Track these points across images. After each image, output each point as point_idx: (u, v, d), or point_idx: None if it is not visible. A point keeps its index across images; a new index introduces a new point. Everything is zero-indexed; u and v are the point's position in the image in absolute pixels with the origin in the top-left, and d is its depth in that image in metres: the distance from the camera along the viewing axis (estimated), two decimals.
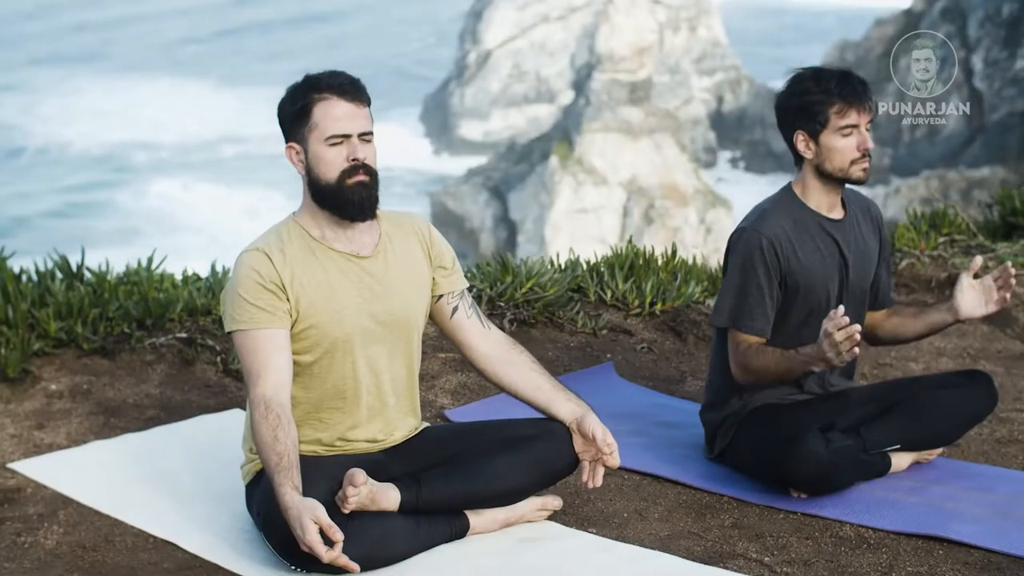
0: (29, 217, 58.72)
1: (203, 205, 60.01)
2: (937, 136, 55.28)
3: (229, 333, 4.49)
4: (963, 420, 5.30)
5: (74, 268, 6.42)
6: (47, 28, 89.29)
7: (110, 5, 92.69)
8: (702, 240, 55.18)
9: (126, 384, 5.88)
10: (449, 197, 61.11)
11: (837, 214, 5.17)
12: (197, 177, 63.94)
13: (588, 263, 7.28)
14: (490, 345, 4.76)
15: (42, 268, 6.42)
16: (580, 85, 62.69)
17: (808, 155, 5.10)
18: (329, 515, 4.19)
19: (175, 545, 4.57)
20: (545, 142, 61.11)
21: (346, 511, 4.29)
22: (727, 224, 53.88)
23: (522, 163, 60.58)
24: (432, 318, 4.77)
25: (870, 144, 5.04)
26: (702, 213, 57.18)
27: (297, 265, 4.47)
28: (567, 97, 65.20)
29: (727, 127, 64.53)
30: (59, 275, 6.38)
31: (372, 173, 4.52)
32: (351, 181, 4.47)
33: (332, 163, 4.47)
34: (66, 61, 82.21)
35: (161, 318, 6.18)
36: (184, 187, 63.57)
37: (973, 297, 5.16)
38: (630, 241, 7.38)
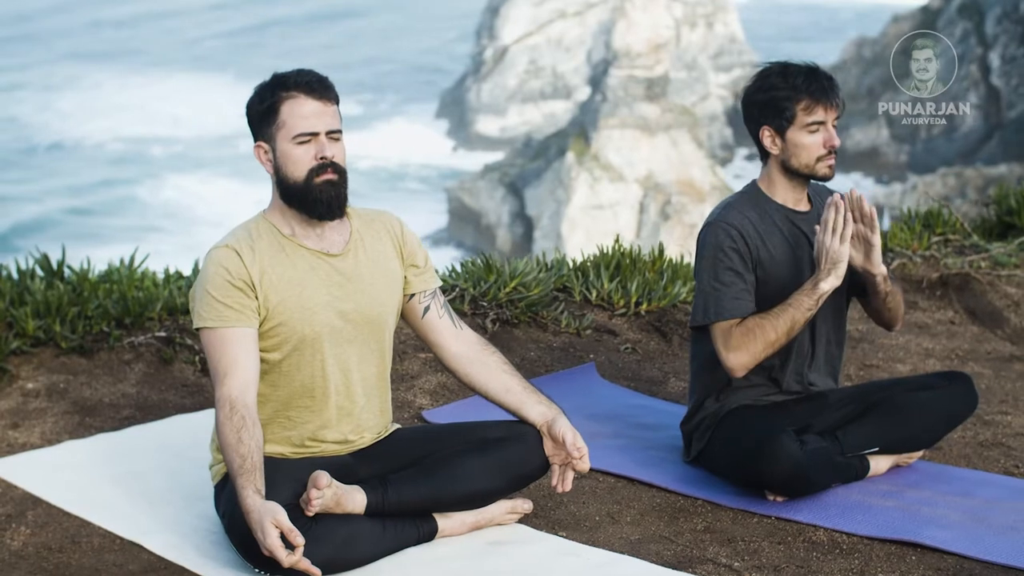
0: (48, 213, 58.81)
1: (220, 199, 60.02)
2: (955, 133, 55.13)
3: (197, 330, 4.45)
4: (942, 422, 5.24)
5: (55, 266, 6.38)
6: (66, 25, 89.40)
7: (128, 2, 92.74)
8: None
9: (103, 383, 5.85)
10: (465, 193, 61.10)
11: (803, 207, 5.12)
12: (214, 172, 63.99)
13: (574, 262, 7.23)
14: (461, 345, 4.72)
15: (23, 266, 6.39)
16: (597, 81, 62.64)
17: (774, 151, 5.05)
18: (293, 518, 4.16)
19: (141, 546, 4.53)
20: (561, 138, 61.07)
21: (310, 514, 4.26)
22: None
23: (538, 159, 60.55)
24: (404, 317, 4.73)
25: (836, 141, 4.99)
26: None
27: (266, 262, 4.44)
28: (583, 93, 65.17)
29: (744, 123, 64.40)
30: (40, 273, 6.35)
31: (340, 171, 4.49)
32: (319, 180, 4.44)
33: (300, 161, 4.44)
34: (84, 58, 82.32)
35: (140, 317, 6.14)
36: (201, 182, 63.62)
37: (854, 250, 5.02)
38: (616, 240, 7.32)
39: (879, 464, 5.21)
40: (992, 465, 5.41)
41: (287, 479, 4.35)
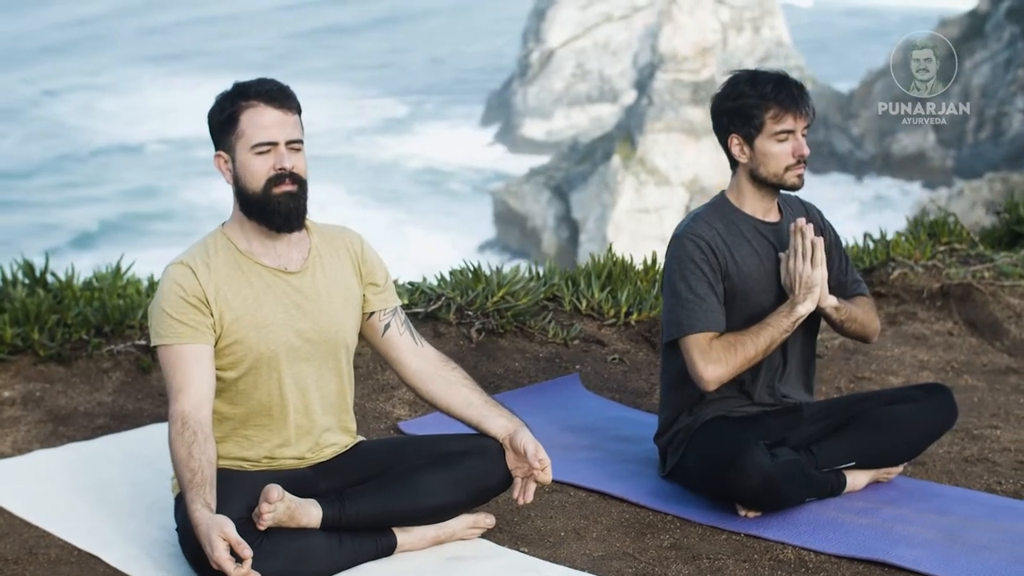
0: (97, 218, 59.09)
1: None
2: (1002, 138, 54.71)
3: (153, 348, 4.42)
4: (920, 436, 5.13)
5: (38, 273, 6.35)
6: (114, 31, 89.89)
7: (181, 7, 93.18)
8: None
9: (80, 392, 5.81)
10: (511, 196, 61.06)
11: (772, 217, 5.04)
12: None
13: (566, 271, 7.14)
14: (422, 362, 4.67)
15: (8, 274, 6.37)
16: (643, 85, 62.51)
17: (742, 160, 4.96)
18: (245, 531, 4.13)
19: (98, 558, 4.49)
20: (607, 142, 60.99)
21: (261, 527, 4.21)
22: None
23: (584, 163, 60.48)
24: (364, 335, 4.68)
25: (805, 150, 4.90)
26: None
27: (222, 279, 4.39)
28: (629, 97, 65.06)
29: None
30: (25, 280, 6.32)
31: (300, 182, 4.44)
32: (277, 190, 4.39)
33: (258, 172, 4.39)
34: (130, 62, 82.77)
35: (120, 324, 6.10)
36: None
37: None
38: (610, 249, 7.23)
39: (857, 479, 5.12)
40: (975, 481, 5.29)
41: (243, 492, 4.31)
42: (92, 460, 5.27)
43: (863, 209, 55.60)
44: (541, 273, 7.10)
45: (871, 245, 7.78)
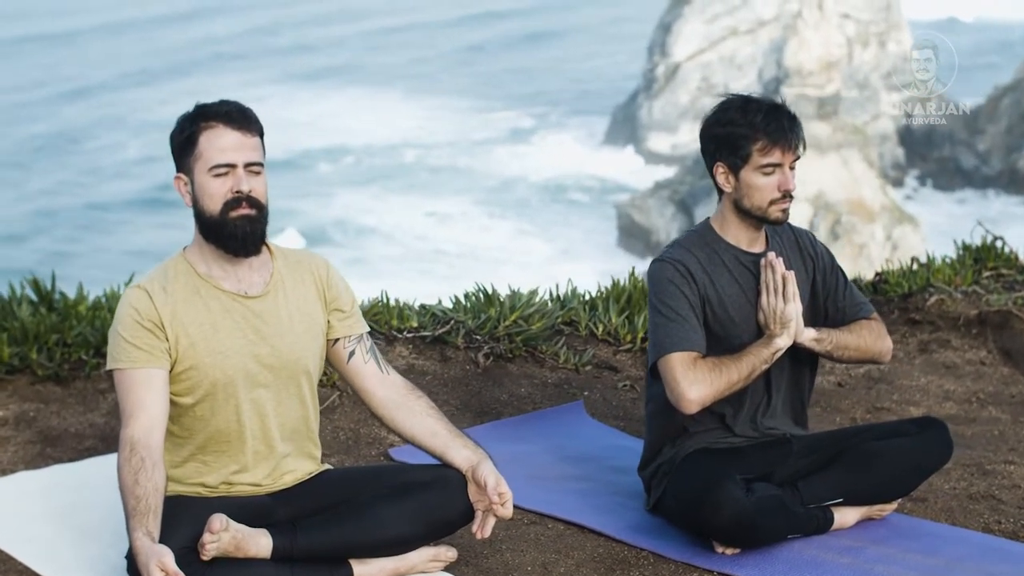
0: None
1: (390, 211, 60.30)
2: None
3: (109, 372, 4.37)
4: (911, 472, 4.93)
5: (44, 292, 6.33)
6: (236, 49, 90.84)
7: (288, 29, 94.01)
8: (888, 256, 54.08)
9: (73, 412, 5.78)
10: (635, 210, 60.81)
11: (758, 248, 4.87)
12: (384, 187, 64.44)
13: (588, 294, 7.00)
14: (387, 390, 4.58)
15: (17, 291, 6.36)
16: None
17: (727, 188, 4.81)
18: (189, 560, 4.07)
19: None
20: None
21: (205, 558, 4.14)
22: (914, 241, 52.70)
23: (709, 177, 60.09)
24: (330, 362, 4.60)
25: (791, 185, 4.72)
26: (889, 230, 56.04)
27: (180, 303, 4.33)
28: None
29: (916, 144, 63.20)
30: (33, 298, 6.30)
31: (259, 206, 4.37)
32: (234, 214, 4.33)
33: (215, 194, 4.33)
34: (254, 79, 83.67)
35: None
36: (373, 197, 64.06)
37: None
38: (632, 273, 7.08)
39: (846, 516, 4.93)
40: (973, 520, 5.08)
41: (191, 520, 4.24)
42: (71, 483, 5.23)
43: (989, 226, 54.71)
44: (561, 296, 6.96)
45: (914, 268, 7.56)
